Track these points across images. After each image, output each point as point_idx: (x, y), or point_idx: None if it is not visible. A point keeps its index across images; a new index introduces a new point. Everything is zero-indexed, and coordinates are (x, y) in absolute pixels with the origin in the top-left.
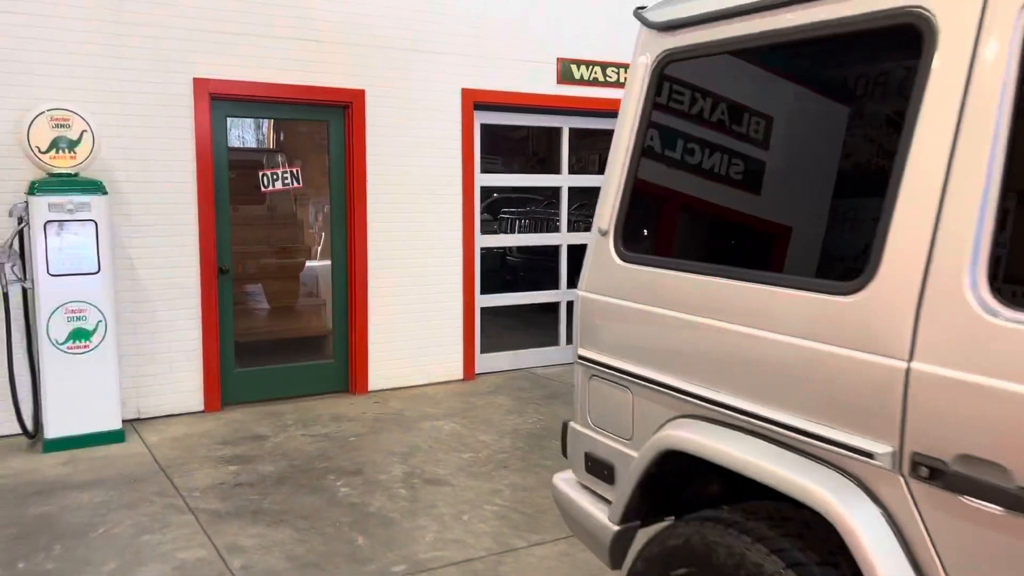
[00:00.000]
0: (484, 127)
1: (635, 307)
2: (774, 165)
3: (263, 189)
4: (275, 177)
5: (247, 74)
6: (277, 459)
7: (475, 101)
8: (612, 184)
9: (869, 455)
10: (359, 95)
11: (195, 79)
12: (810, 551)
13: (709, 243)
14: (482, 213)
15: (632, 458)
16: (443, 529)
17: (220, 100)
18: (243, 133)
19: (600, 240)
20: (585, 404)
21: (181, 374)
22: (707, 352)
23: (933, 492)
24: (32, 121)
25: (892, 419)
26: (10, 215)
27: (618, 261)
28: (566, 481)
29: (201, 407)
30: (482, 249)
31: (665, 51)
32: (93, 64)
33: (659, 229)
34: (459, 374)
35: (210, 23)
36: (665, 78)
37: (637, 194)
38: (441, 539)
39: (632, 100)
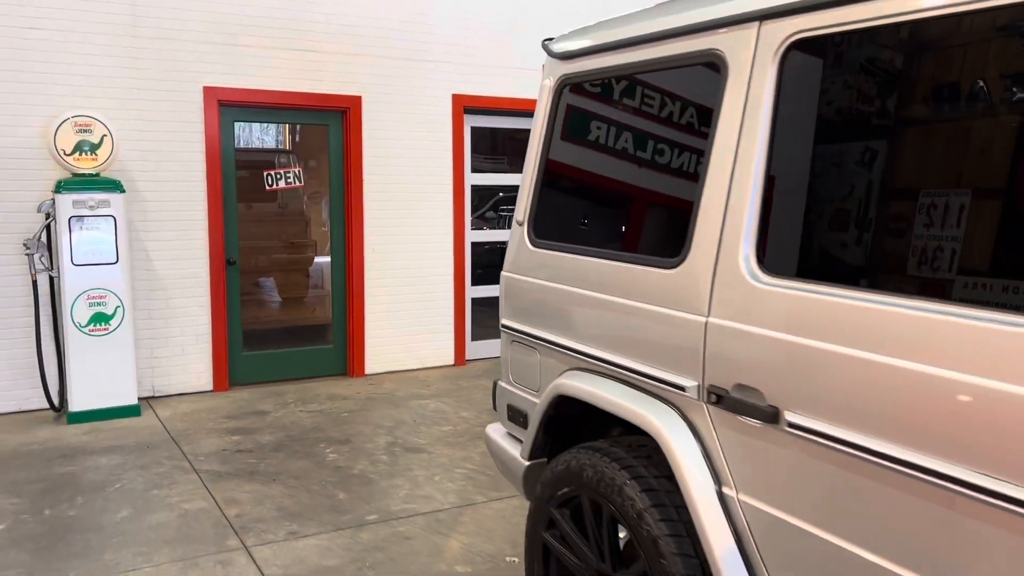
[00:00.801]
0: (476, 130)
1: (540, 283)
2: (635, 171)
3: (268, 187)
4: (279, 176)
5: (252, 82)
6: (275, 431)
7: (465, 106)
8: (526, 184)
9: (683, 388)
10: (356, 101)
11: (205, 87)
12: (652, 468)
13: (590, 232)
14: (488, 211)
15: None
16: (415, 488)
17: (228, 106)
18: (257, 135)
19: (517, 229)
20: (507, 365)
21: (192, 356)
22: (585, 316)
23: (721, 413)
24: (58, 127)
25: (697, 361)
26: (39, 211)
27: (530, 246)
28: (495, 430)
29: (210, 387)
30: (484, 244)
31: (563, 75)
32: (112, 75)
33: (557, 221)
34: (450, 359)
35: (218, 36)
36: (563, 97)
37: (543, 192)
38: (412, 495)
39: (539, 115)
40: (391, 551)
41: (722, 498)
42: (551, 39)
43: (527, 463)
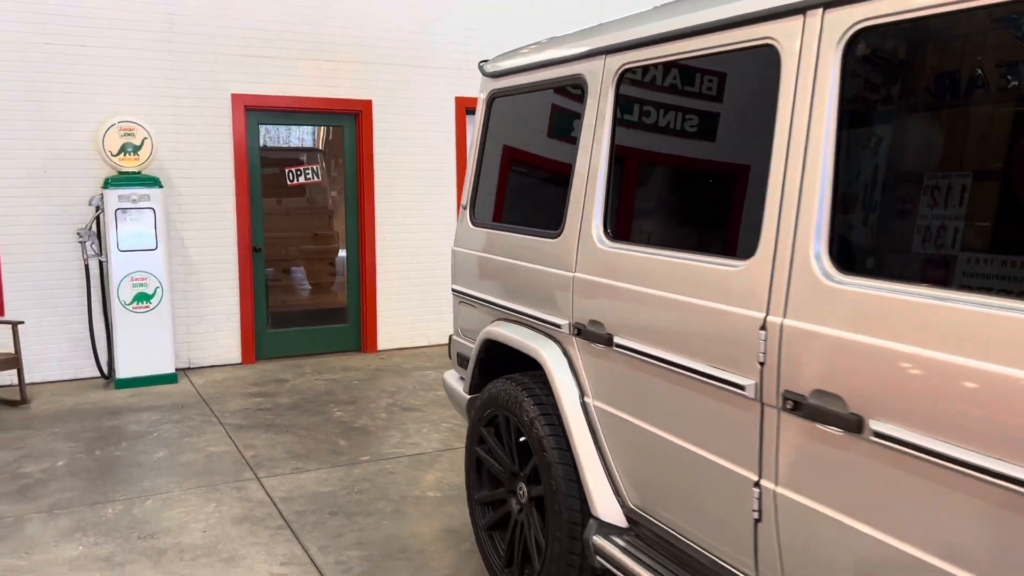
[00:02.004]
0: None
1: (476, 254)
2: (543, 170)
3: (289, 183)
4: (299, 172)
5: (274, 89)
6: (292, 395)
7: (467, 107)
8: (469, 176)
9: (558, 325)
10: (367, 104)
11: (232, 94)
12: (542, 388)
13: (512, 215)
14: None
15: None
16: (405, 437)
17: (253, 110)
18: (284, 135)
19: (463, 212)
20: (457, 321)
21: (223, 333)
22: (503, 277)
23: (582, 342)
24: (106, 131)
25: (567, 303)
26: (89, 204)
27: (470, 225)
28: (451, 375)
29: (239, 359)
30: None
31: (492, 91)
32: (151, 84)
33: (489, 205)
34: None
35: (243, 49)
36: (491, 106)
37: (479, 183)
38: (402, 443)
39: (478, 123)
40: (376, 481)
41: (584, 404)
42: (486, 61)
43: (468, 396)
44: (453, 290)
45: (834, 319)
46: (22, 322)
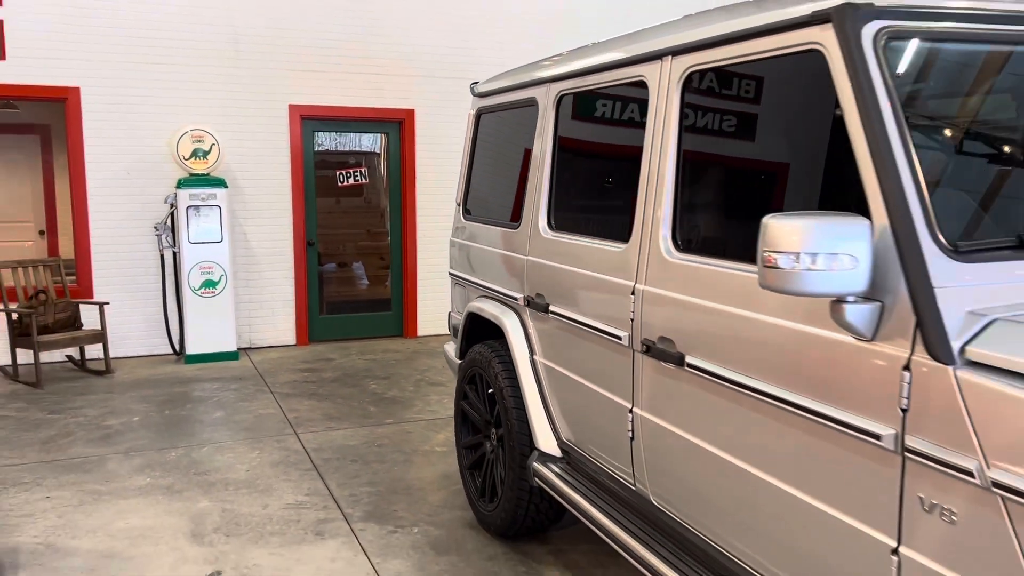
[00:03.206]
0: None
1: (465, 243)
2: (513, 173)
3: (339, 184)
4: (348, 175)
5: (327, 99)
6: (336, 371)
7: None
8: (461, 178)
9: (516, 299)
10: (410, 113)
11: (290, 105)
12: (506, 351)
13: (488, 210)
14: None
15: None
16: (426, 406)
17: (308, 119)
18: (347, 140)
19: (456, 208)
20: (453, 300)
21: (279, 317)
22: (484, 262)
23: (530, 310)
24: (180, 138)
25: (523, 280)
26: (165, 202)
27: (462, 219)
28: (449, 346)
29: (294, 341)
30: None
31: (480, 107)
32: (219, 96)
33: (476, 201)
34: None
35: (299, 64)
36: (479, 120)
37: (469, 182)
38: (423, 410)
39: (468, 134)
40: (395, 438)
41: (532, 361)
42: (476, 83)
43: (458, 361)
44: (450, 274)
45: (670, 284)
46: (107, 303)
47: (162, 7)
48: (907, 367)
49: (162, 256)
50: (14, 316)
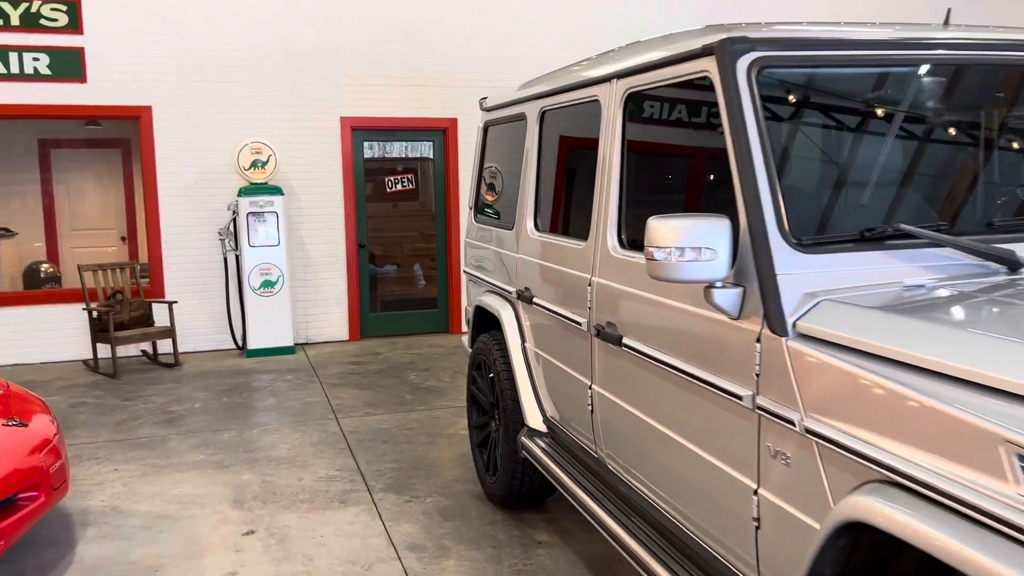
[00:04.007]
0: None
1: (475, 242)
2: (513, 180)
3: (388, 190)
4: (396, 181)
5: (376, 111)
6: (381, 364)
7: None
8: (472, 185)
9: (510, 291)
10: (453, 122)
11: (341, 117)
12: (503, 340)
13: (492, 214)
14: None
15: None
16: (458, 396)
17: (358, 130)
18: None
19: (470, 212)
20: (467, 294)
21: (333, 315)
22: (488, 261)
23: (521, 303)
24: (240, 150)
25: (516, 276)
26: (228, 209)
27: (473, 222)
28: (465, 338)
29: (347, 337)
30: None
31: (486, 120)
32: (276, 110)
33: (483, 206)
34: None
35: (350, 78)
36: (487, 133)
37: (478, 189)
38: (454, 400)
39: (477, 144)
40: (424, 423)
41: (523, 348)
42: (485, 98)
43: (470, 349)
44: (463, 271)
45: (615, 277)
46: (176, 302)
47: (225, 30)
48: (759, 339)
49: (225, 259)
50: (94, 314)
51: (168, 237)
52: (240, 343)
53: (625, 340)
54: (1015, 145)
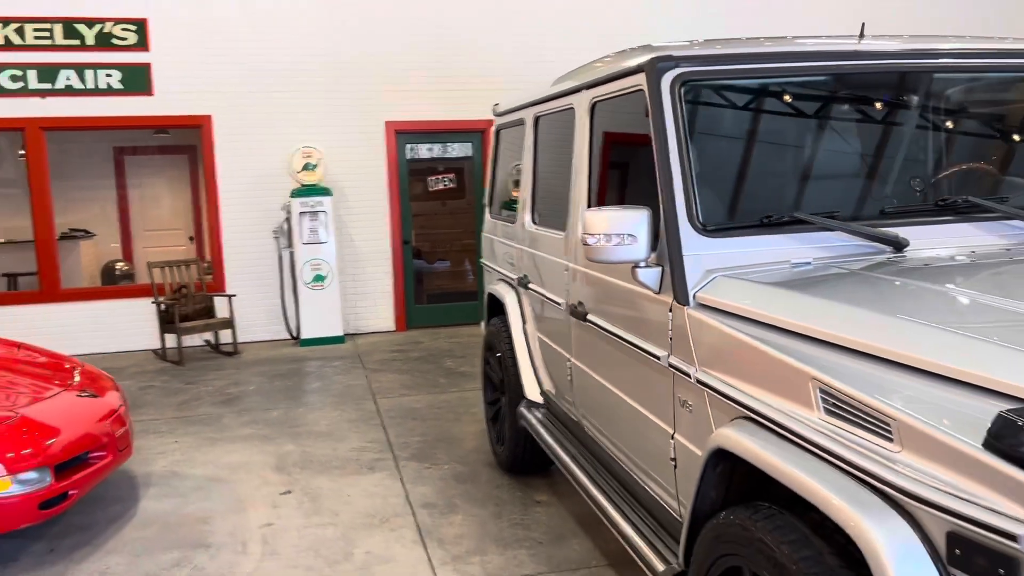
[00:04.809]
0: None
1: (491, 237)
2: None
3: (429, 189)
4: (438, 181)
5: (417, 115)
6: (422, 351)
7: None
8: (487, 184)
9: (513, 279)
10: (490, 123)
11: (386, 121)
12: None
13: (501, 209)
14: None
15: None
16: None
17: (401, 133)
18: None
19: (488, 209)
20: (486, 280)
21: (380, 307)
22: (498, 252)
23: (521, 288)
24: (292, 154)
25: (519, 265)
26: (281, 209)
27: (490, 218)
28: (483, 323)
29: (393, 328)
30: None
31: (498, 125)
32: (324, 116)
33: (497, 202)
34: None
35: (393, 85)
36: (499, 135)
37: (493, 187)
38: None
39: (491, 147)
40: (453, 403)
41: (524, 329)
42: (497, 104)
43: (485, 327)
44: (480, 262)
45: (583, 262)
46: (235, 295)
47: (276, 43)
48: (671, 309)
49: (280, 256)
50: (162, 307)
51: (228, 236)
52: (294, 333)
53: (589, 316)
54: (908, 143)
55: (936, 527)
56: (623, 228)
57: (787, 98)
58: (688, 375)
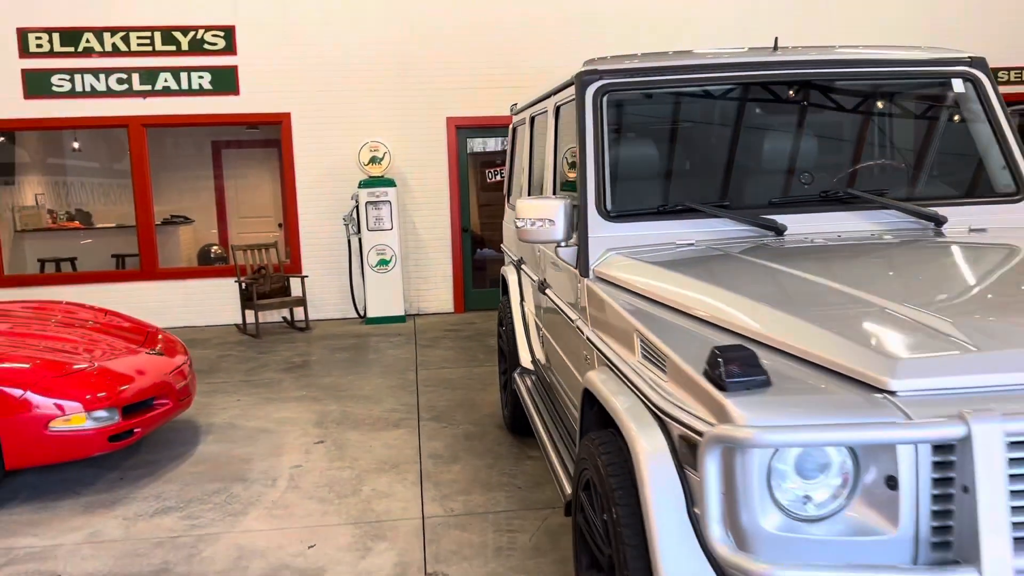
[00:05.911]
0: None
1: (507, 224)
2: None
3: (488, 180)
4: (495, 173)
5: (477, 110)
6: (471, 331)
7: None
8: (506, 175)
9: (515, 257)
10: None
11: (447, 117)
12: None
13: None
14: None
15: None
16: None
17: (461, 128)
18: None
19: (508, 201)
20: (506, 262)
21: (440, 290)
22: (510, 237)
23: (519, 269)
24: (360, 148)
25: (516, 250)
26: (351, 199)
27: (508, 208)
28: None
29: (451, 309)
30: None
31: (514, 122)
32: (390, 113)
33: (514, 191)
34: None
35: (455, 83)
36: (515, 131)
37: (510, 183)
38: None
39: (509, 143)
40: (483, 375)
41: (521, 304)
42: (515, 104)
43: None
44: (501, 248)
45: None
46: (307, 276)
47: (346, 45)
48: (579, 282)
49: (349, 241)
50: (243, 285)
51: (303, 222)
52: (360, 312)
53: (546, 291)
54: (798, 143)
55: (676, 434)
56: (544, 214)
57: (694, 105)
58: (583, 333)
